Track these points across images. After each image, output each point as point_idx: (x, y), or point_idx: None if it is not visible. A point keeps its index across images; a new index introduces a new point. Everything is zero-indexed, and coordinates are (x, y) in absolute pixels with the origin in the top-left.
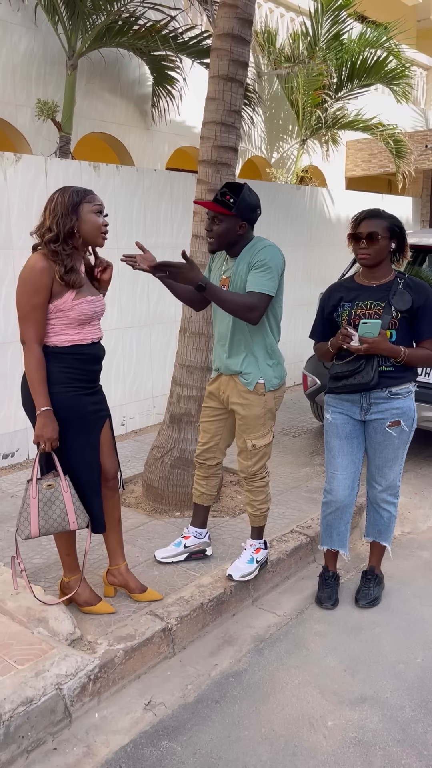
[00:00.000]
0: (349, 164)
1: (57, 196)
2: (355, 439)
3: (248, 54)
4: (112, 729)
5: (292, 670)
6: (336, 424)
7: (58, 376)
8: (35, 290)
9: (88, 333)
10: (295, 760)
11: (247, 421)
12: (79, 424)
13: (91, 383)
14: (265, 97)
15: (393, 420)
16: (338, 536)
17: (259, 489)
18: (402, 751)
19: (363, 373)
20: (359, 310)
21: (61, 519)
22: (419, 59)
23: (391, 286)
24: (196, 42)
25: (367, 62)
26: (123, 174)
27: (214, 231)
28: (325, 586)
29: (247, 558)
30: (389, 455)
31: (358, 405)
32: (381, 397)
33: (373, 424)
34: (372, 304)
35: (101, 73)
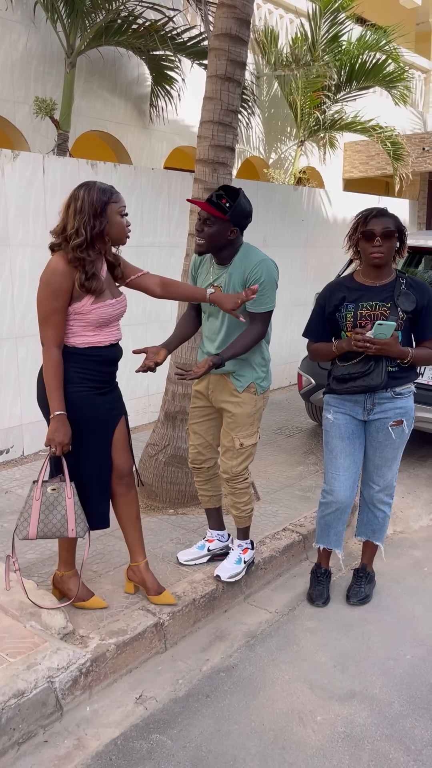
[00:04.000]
0: (347, 166)
1: (82, 193)
2: (356, 440)
3: (246, 54)
4: (102, 722)
5: (282, 666)
6: (339, 424)
7: (72, 376)
8: (55, 294)
9: (107, 335)
10: (284, 753)
11: (237, 419)
12: (91, 423)
13: (106, 384)
14: (263, 98)
15: (396, 420)
16: (335, 536)
17: (243, 491)
18: (390, 745)
19: (373, 375)
20: (365, 311)
21: (61, 525)
22: (418, 62)
23: (394, 286)
24: (195, 43)
25: (366, 65)
26: (120, 173)
27: (205, 232)
28: (316, 583)
29: (234, 558)
30: (389, 455)
31: (361, 405)
32: (385, 397)
33: (376, 424)
34: (377, 305)
35: (100, 71)
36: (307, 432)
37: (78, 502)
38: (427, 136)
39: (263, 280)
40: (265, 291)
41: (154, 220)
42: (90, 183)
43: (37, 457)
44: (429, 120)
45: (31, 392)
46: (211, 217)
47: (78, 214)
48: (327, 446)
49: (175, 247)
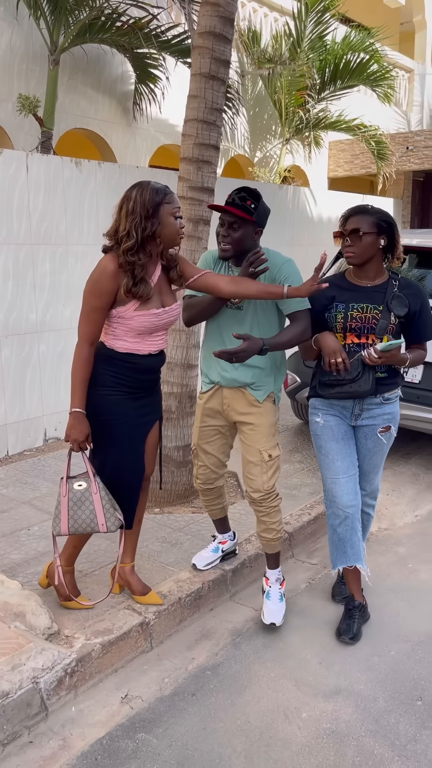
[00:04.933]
0: (332, 164)
1: (135, 194)
2: (350, 440)
3: (230, 52)
4: (88, 722)
5: (268, 663)
6: (330, 426)
7: (105, 378)
8: (99, 293)
9: (148, 344)
10: (269, 750)
11: (261, 430)
12: (122, 427)
13: (140, 390)
14: (248, 96)
15: (384, 426)
16: (352, 549)
17: (276, 509)
18: (375, 741)
19: (361, 381)
20: (356, 312)
21: (90, 520)
22: (401, 62)
23: (387, 288)
24: (179, 41)
25: (350, 64)
26: (105, 171)
27: (232, 237)
28: (348, 617)
29: (276, 596)
30: (377, 461)
31: (349, 410)
32: (374, 402)
33: (364, 430)
34: (369, 307)
35: (84, 69)
36: (292, 430)
37: (106, 496)
38: (410, 135)
39: (295, 279)
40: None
41: None
42: (144, 183)
43: (22, 457)
44: (413, 119)
45: (15, 391)
46: (238, 220)
47: (129, 215)
48: (320, 451)
49: None
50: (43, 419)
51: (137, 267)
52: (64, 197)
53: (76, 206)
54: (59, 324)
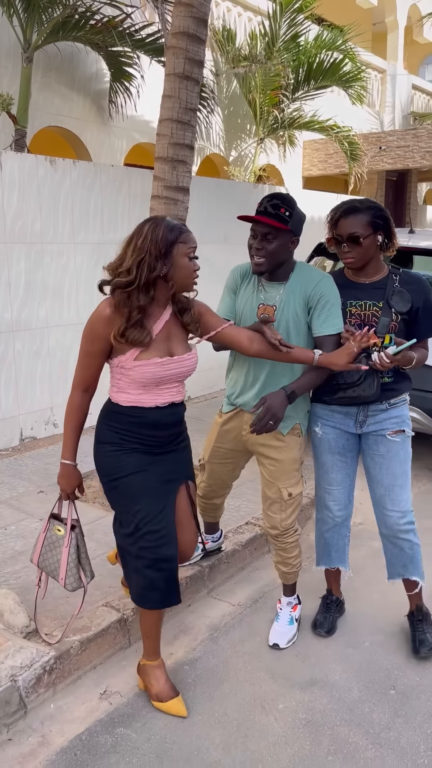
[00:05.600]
0: (306, 164)
1: (147, 229)
2: (349, 453)
3: (204, 53)
4: (67, 718)
5: (245, 657)
6: (328, 439)
7: (110, 434)
8: (92, 338)
9: (153, 396)
10: (246, 741)
11: (283, 466)
12: (135, 479)
13: (155, 447)
14: (223, 95)
15: (393, 429)
16: (337, 553)
17: (293, 545)
18: (349, 730)
19: (364, 385)
20: (354, 309)
21: (54, 568)
22: (374, 62)
23: (387, 282)
24: (153, 40)
25: (323, 64)
26: (80, 169)
27: (266, 249)
28: (324, 610)
29: (286, 620)
30: (397, 469)
31: (353, 418)
32: (378, 408)
33: (373, 437)
34: (368, 304)
35: (57, 66)
36: None
37: (75, 554)
38: (383, 135)
39: (330, 297)
40: (334, 309)
41: (114, 217)
42: (158, 219)
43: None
44: (386, 119)
45: None
46: (273, 230)
47: (136, 251)
48: (317, 461)
49: None
50: (19, 419)
51: (133, 309)
52: (38, 196)
53: (51, 205)
54: (34, 323)
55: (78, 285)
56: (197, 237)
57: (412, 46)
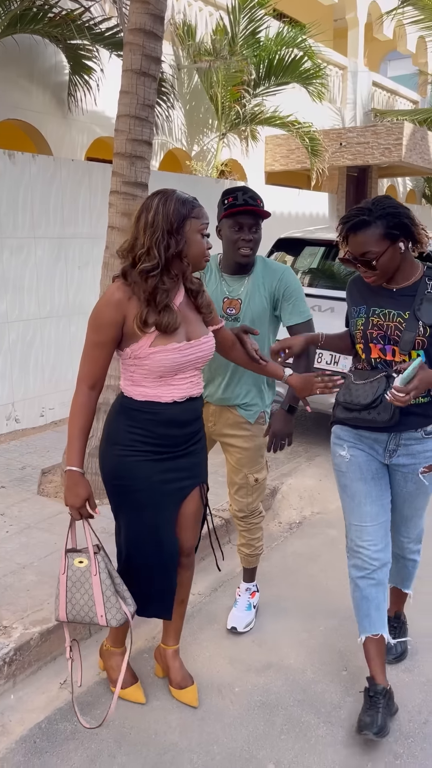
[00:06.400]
0: (269, 159)
1: (157, 203)
2: (382, 480)
3: (161, 50)
4: (27, 708)
5: (203, 644)
6: (358, 463)
7: (121, 435)
8: (100, 326)
9: (171, 389)
10: (203, 724)
11: (249, 454)
12: (142, 495)
13: (168, 448)
14: (185, 90)
15: (428, 464)
16: (378, 612)
17: (258, 526)
18: (302, 710)
19: (379, 408)
20: (376, 319)
21: (89, 608)
22: (335, 59)
23: (418, 288)
24: (112, 34)
25: (283, 61)
26: (39, 163)
27: (254, 240)
28: (370, 705)
29: (244, 605)
30: (420, 504)
31: (382, 445)
32: (413, 438)
33: (402, 471)
34: (393, 314)
35: (16, 59)
36: None
37: (108, 580)
38: (344, 131)
39: (296, 287)
40: (300, 298)
41: (75, 212)
42: (168, 192)
43: None
44: (347, 116)
45: None
46: (258, 221)
47: (149, 228)
48: (345, 491)
49: (97, 238)
50: None
51: (161, 292)
52: None
53: (11, 199)
54: None
55: (39, 279)
56: None
57: (373, 43)
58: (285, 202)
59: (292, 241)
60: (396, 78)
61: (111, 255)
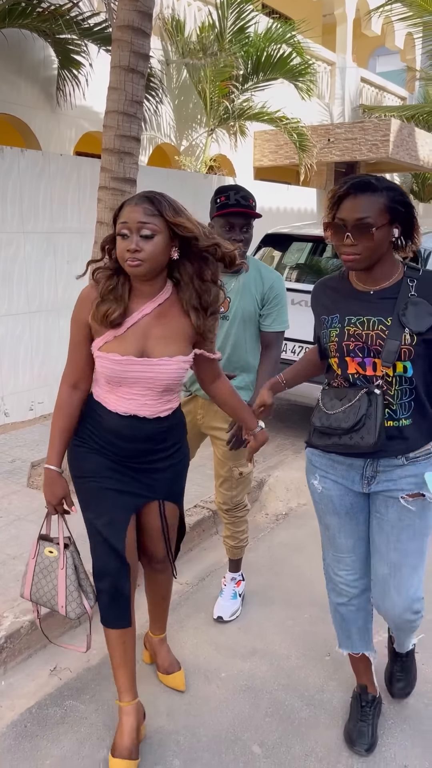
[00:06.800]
0: (257, 154)
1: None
2: (359, 514)
3: (149, 46)
4: (18, 694)
5: (190, 631)
6: (330, 497)
7: (80, 426)
8: (74, 324)
9: (116, 400)
10: (189, 708)
11: None
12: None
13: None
14: (173, 85)
15: (411, 492)
16: (359, 634)
17: (242, 519)
18: (286, 694)
19: (363, 431)
20: (353, 329)
21: (51, 597)
22: (324, 54)
23: (400, 291)
24: (101, 29)
25: (271, 57)
26: (28, 158)
27: (246, 240)
28: (360, 716)
29: (230, 594)
30: (409, 545)
31: (358, 471)
32: (393, 464)
33: (382, 498)
34: (372, 321)
35: (4, 53)
36: None
37: (74, 575)
38: (332, 127)
39: (282, 297)
40: (285, 308)
41: (64, 207)
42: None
43: None
44: (335, 111)
45: None
46: (249, 221)
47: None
48: (319, 521)
49: (86, 233)
50: None
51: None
52: None
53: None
54: None
55: (28, 274)
56: None
57: (361, 39)
58: (273, 198)
59: (280, 236)
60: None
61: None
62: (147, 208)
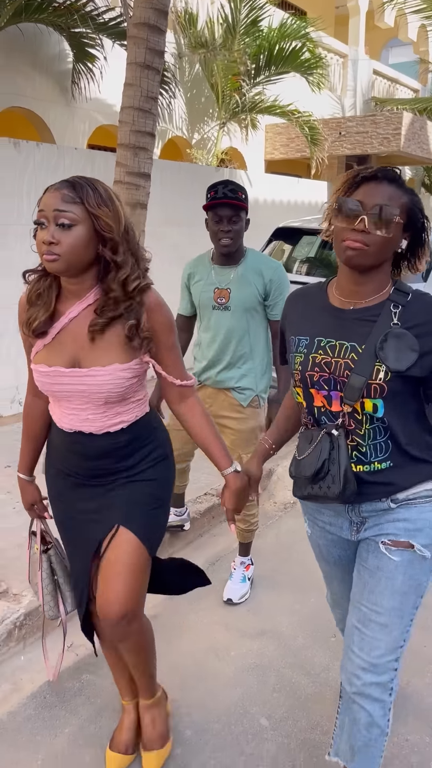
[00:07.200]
0: (268, 147)
1: None
2: (350, 563)
3: (164, 43)
4: (36, 668)
5: (201, 613)
6: (319, 545)
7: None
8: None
9: (59, 413)
10: (200, 683)
11: (242, 436)
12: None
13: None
14: (186, 78)
15: (396, 538)
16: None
17: (252, 503)
18: (293, 671)
19: (327, 479)
20: (320, 356)
21: (36, 590)
22: (336, 47)
23: (380, 313)
24: (116, 24)
25: (283, 51)
26: (43, 151)
27: (234, 230)
28: None
29: (239, 578)
30: (383, 602)
31: (345, 518)
32: (379, 508)
33: (365, 542)
34: (344, 347)
35: (20, 47)
36: None
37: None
38: (343, 121)
39: (284, 286)
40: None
41: None
42: None
43: None
44: (347, 104)
45: None
46: (236, 212)
47: None
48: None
49: None
50: None
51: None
52: (1, 178)
53: (15, 187)
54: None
55: None
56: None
57: (374, 31)
58: (284, 191)
59: (290, 230)
60: (397, 66)
61: None
62: (66, 194)
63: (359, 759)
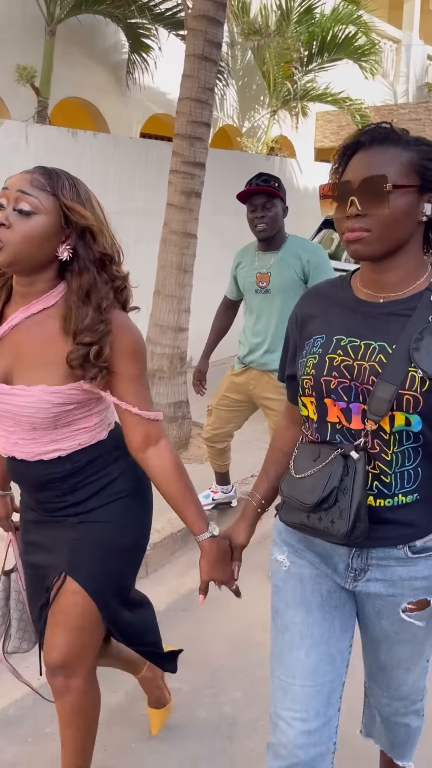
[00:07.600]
0: (318, 135)
1: None
2: (337, 612)
3: (222, 35)
4: None
5: (249, 586)
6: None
7: None
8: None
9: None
10: (246, 653)
11: None
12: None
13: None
14: (238, 66)
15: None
16: None
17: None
18: None
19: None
20: (340, 357)
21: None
22: (389, 32)
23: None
24: (172, 14)
25: (336, 38)
26: (100, 141)
27: (268, 216)
28: None
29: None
30: (405, 653)
31: (342, 560)
32: (393, 557)
33: (374, 603)
34: (371, 349)
35: (78, 38)
36: None
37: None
38: (395, 108)
39: (325, 264)
40: (328, 273)
41: (131, 188)
42: None
43: None
44: (399, 90)
45: None
46: (269, 198)
47: None
48: (275, 619)
49: (152, 213)
50: None
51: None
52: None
53: None
54: None
55: None
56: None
57: (429, 16)
58: None
59: None
60: None
61: (170, 231)
62: (37, 178)
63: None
